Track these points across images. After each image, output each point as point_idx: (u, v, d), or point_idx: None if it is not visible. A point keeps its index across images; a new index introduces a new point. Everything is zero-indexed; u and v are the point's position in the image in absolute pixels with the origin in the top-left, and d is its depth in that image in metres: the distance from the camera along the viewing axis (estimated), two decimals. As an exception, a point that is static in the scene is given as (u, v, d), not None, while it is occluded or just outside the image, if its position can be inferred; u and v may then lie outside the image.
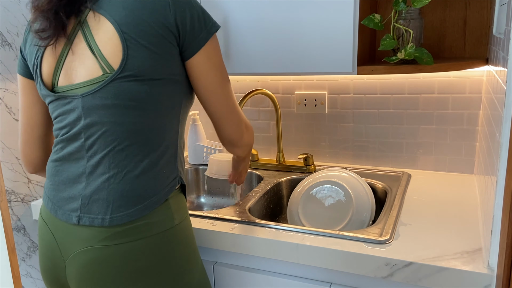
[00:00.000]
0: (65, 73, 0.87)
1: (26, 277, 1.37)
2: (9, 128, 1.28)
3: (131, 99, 0.83)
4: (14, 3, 1.26)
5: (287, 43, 1.23)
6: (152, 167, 0.86)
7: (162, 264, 0.86)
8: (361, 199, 1.23)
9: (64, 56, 0.86)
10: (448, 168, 1.44)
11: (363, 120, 1.50)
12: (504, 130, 0.78)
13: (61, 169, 0.90)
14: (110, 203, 0.84)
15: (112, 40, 0.81)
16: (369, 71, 1.20)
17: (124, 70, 0.81)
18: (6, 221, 1.27)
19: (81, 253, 0.85)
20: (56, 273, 0.91)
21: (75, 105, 0.85)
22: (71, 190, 0.87)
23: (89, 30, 0.84)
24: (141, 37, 0.81)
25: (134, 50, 0.81)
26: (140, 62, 0.81)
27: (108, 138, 0.84)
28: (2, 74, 1.25)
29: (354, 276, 1.00)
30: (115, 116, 0.83)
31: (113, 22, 0.81)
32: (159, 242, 0.86)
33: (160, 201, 0.87)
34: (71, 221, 0.86)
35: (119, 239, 0.83)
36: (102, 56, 0.82)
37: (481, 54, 1.32)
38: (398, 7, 1.17)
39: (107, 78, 0.82)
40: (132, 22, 0.81)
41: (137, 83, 0.82)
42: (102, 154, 0.85)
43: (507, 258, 0.77)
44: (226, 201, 1.60)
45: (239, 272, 1.10)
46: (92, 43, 0.83)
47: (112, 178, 0.84)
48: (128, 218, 0.84)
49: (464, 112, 1.38)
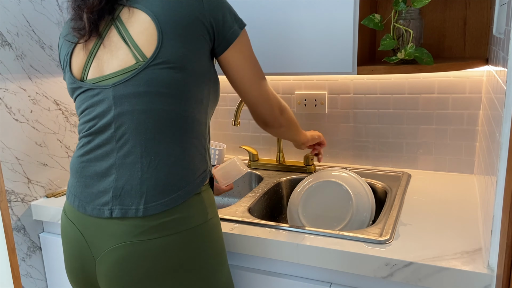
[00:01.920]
0: (96, 66, 0.88)
1: (26, 277, 1.37)
2: (9, 128, 1.28)
3: (163, 86, 0.83)
4: (14, 3, 1.26)
5: (287, 43, 1.23)
6: (184, 157, 0.86)
7: (196, 259, 0.86)
8: (361, 199, 1.23)
9: (95, 51, 0.88)
10: (448, 168, 1.44)
11: (363, 120, 1.50)
12: (504, 130, 0.78)
13: (88, 164, 0.89)
14: (143, 192, 0.83)
15: (148, 30, 0.83)
16: (369, 71, 1.20)
17: (157, 57, 0.82)
18: (6, 221, 1.27)
19: (114, 249, 0.83)
20: (85, 273, 0.90)
21: (104, 95, 0.85)
22: (101, 184, 0.86)
23: (123, 24, 0.86)
24: (177, 28, 0.83)
25: (169, 39, 0.83)
26: (174, 50, 0.83)
27: (140, 126, 0.84)
28: (2, 74, 1.25)
29: (354, 276, 1.00)
30: (147, 104, 0.83)
31: (150, 13, 0.84)
32: (194, 237, 0.85)
33: (193, 191, 0.86)
34: (103, 215, 0.84)
35: (154, 233, 0.82)
36: (136, 45, 0.83)
37: (481, 54, 1.32)
38: (398, 7, 1.17)
39: (140, 66, 0.83)
40: (168, 13, 0.84)
41: (169, 70, 0.83)
42: (134, 143, 0.84)
43: (507, 258, 0.77)
44: (227, 201, 1.60)
45: (239, 272, 1.10)
46: (126, 34, 0.85)
47: (145, 167, 0.84)
48: (162, 207, 0.83)
49: (464, 112, 1.38)
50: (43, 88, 1.37)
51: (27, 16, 1.30)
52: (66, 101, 1.45)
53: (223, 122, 1.71)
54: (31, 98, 1.34)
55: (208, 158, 0.94)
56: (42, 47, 1.36)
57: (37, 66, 1.35)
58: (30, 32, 1.32)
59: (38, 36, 1.34)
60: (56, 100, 1.42)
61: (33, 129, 1.35)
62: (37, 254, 1.40)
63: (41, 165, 1.39)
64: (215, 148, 1.62)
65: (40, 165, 1.38)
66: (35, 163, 1.36)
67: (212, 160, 1.62)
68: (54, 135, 1.42)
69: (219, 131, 1.72)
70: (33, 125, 1.35)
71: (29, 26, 1.31)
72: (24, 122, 1.32)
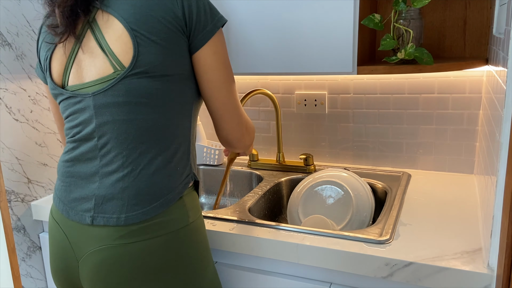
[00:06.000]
0: (75, 72, 0.87)
1: (26, 277, 1.37)
2: (9, 128, 1.28)
3: (142, 96, 0.83)
4: (14, 3, 1.26)
5: (287, 43, 1.23)
6: (166, 164, 0.86)
7: (177, 262, 0.86)
8: (361, 199, 1.23)
9: (74, 55, 0.87)
10: (448, 168, 1.44)
11: (363, 120, 1.50)
12: (504, 130, 0.78)
13: (72, 170, 0.89)
14: (125, 202, 0.83)
15: (122, 38, 0.82)
16: (369, 71, 1.20)
17: (135, 67, 0.81)
18: (6, 221, 1.26)
19: (95, 252, 0.84)
20: (68, 274, 0.90)
21: (86, 104, 0.85)
22: (84, 190, 0.87)
23: (99, 29, 0.84)
24: (151, 33, 0.81)
25: (145, 46, 0.81)
26: (151, 58, 0.82)
27: (120, 136, 0.84)
28: (2, 74, 1.25)
29: (354, 276, 1.00)
30: (127, 114, 0.83)
31: (122, 21, 0.82)
32: (174, 240, 0.85)
33: (175, 198, 0.86)
34: (84, 221, 0.85)
35: (134, 237, 0.83)
36: (113, 54, 0.82)
37: (481, 54, 1.32)
38: (398, 7, 1.17)
39: (118, 76, 0.82)
40: (141, 19, 0.81)
41: (148, 80, 0.82)
42: (115, 152, 0.84)
43: (507, 258, 0.77)
44: (226, 201, 1.60)
45: (239, 272, 1.10)
46: (102, 41, 0.83)
47: (126, 176, 0.84)
48: (143, 216, 0.83)
49: (464, 112, 1.38)
50: (43, 88, 1.37)
51: (27, 16, 1.30)
52: (66, 101, 1.45)
53: (223, 122, 1.71)
54: (31, 98, 1.34)
55: (192, 161, 0.93)
56: (42, 47, 1.36)
57: (37, 66, 1.35)
58: (30, 32, 1.32)
59: (38, 36, 1.34)
60: (56, 100, 1.42)
61: (33, 129, 1.35)
62: (37, 254, 1.40)
63: (41, 165, 1.39)
64: (215, 148, 1.61)
65: (40, 165, 1.38)
66: (35, 163, 1.36)
67: (212, 160, 1.62)
68: (54, 135, 1.42)
69: (219, 131, 1.72)
70: (33, 125, 1.35)
71: (29, 26, 1.31)
72: (24, 122, 1.32)
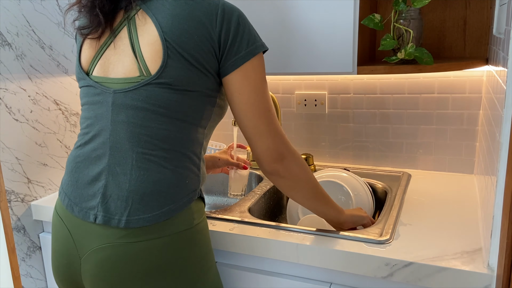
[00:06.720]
0: (103, 64, 0.88)
1: (26, 277, 1.37)
2: (9, 128, 1.28)
3: (160, 106, 0.83)
4: (14, 3, 1.26)
5: (287, 43, 1.23)
6: (174, 176, 0.86)
7: (179, 263, 0.86)
8: (361, 199, 1.23)
9: (105, 47, 0.88)
10: (448, 168, 1.44)
11: (363, 120, 1.50)
12: (504, 130, 0.78)
13: (81, 165, 0.89)
14: (129, 204, 0.83)
15: (155, 45, 0.82)
16: (369, 71, 1.20)
17: (160, 77, 0.82)
18: (6, 221, 1.27)
19: (99, 250, 0.84)
20: (70, 271, 0.90)
21: (105, 98, 0.86)
22: (91, 187, 0.87)
23: (135, 29, 0.85)
24: (183, 48, 0.82)
25: (174, 59, 0.81)
26: (178, 72, 0.82)
27: (133, 139, 0.84)
28: (2, 74, 1.25)
29: (354, 276, 1.00)
30: (142, 119, 0.83)
31: (158, 28, 0.82)
32: (178, 241, 0.85)
33: (177, 210, 0.86)
34: (88, 219, 0.85)
35: (138, 236, 0.83)
36: (142, 58, 0.83)
37: (481, 54, 1.32)
38: (398, 7, 1.17)
39: (142, 81, 0.82)
40: (176, 32, 0.81)
41: (169, 91, 0.83)
42: (126, 154, 0.84)
43: (507, 258, 0.76)
44: (226, 201, 1.60)
45: (239, 272, 1.10)
46: (135, 42, 0.84)
47: (133, 180, 0.83)
48: (143, 223, 0.83)
49: (464, 112, 1.38)
50: (43, 88, 1.37)
51: (27, 16, 1.30)
52: (66, 101, 1.45)
53: (223, 122, 1.71)
54: (31, 98, 1.34)
55: (202, 178, 0.92)
56: (42, 47, 1.36)
57: (37, 66, 1.35)
58: (30, 32, 1.32)
59: (38, 36, 1.34)
60: (56, 100, 1.42)
61: (33, 129, 1.35)
62: (37, 254, 1.40)
63: (41, 165, 1.39)
64: (215, 148, 1.61)
65: (40, 165, 1.38)
66: (35, 163, 1.36)
67: (212, 160, 1.61)
68: (54, 135, 1.42)
69: (219, 131, 1.72)
70: (33, 125, 1.35)
71: (29, 26, 1.31)
72: (24, 122, 1.32)
